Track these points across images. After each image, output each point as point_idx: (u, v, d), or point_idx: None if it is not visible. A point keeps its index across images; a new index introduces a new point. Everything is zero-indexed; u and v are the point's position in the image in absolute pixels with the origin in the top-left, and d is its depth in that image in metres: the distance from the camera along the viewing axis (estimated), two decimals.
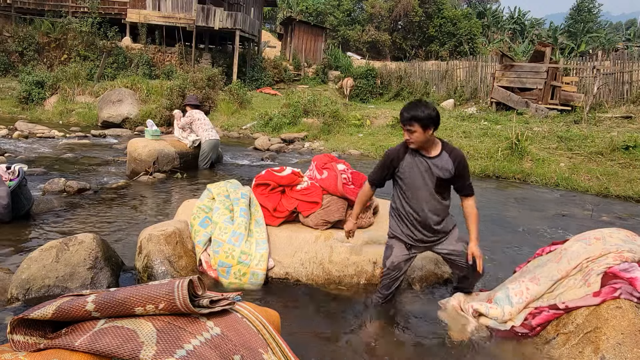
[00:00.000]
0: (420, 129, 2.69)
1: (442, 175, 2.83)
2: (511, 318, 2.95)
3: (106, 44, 19.27)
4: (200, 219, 3.65)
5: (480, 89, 17.04)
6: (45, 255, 3.15)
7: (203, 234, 3.55)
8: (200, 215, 3.67)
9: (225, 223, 3.52)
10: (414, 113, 2.68)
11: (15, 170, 4.83)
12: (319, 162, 4.07)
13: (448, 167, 2.82)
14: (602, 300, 2.64)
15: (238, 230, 3.45)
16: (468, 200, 2.99)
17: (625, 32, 44.38)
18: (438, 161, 2.82)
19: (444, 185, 2.89)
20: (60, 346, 1.45)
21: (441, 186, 2.87)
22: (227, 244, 3.39)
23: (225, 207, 3.66)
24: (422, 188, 2.86)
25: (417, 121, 2.68)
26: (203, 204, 3.80)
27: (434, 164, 2.81)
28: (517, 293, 2.99)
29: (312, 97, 14.30)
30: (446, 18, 32.72)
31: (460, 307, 3.15)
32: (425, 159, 2.83)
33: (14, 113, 14.08)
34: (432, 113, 2.70)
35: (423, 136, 2.72)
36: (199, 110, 7.86)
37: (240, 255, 3.34)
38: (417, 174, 2.86)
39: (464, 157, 2.88)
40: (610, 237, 2.95)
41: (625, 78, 13.87)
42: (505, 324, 2.96)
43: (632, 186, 7.54)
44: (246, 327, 1.76)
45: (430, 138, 2.77)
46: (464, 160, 2.88)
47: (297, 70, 24.82)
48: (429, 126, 2.70)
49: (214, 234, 3.50)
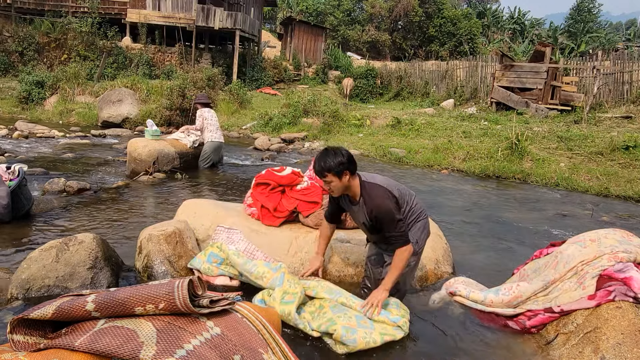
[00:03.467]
0: (336, 178, 2.64)
1: (365, 222, 2.77)
2: (491, 305, 3.04)
3: (106, 44, 19.28)
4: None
5: (480, 89, 17.04)
6: (45, 255, 3.15)
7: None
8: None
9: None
10: (325, 164, 2.61)
11: (15, 170, 4.83)
12: None
13: (365, 215, 2.74)
14: (597, 303, 2.64)
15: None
16: (396, 250, 2.73)
17: (625, 32, 44.37)
18: (358, 208, 2.77)
19: (375, 229, 2.77)
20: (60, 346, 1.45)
21: (372, 229, 2.80)
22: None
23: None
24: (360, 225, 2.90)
25: (330, 171, 2.62)
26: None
27: (358, 209, 2.77)
28: (506, 288, 3.10)
29: (312, 97, 14.30)
30: (446, 18, 32.72)
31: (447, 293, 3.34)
32: (351, 204, 2.82)
33: (14, 113, 14.08)
34: (342, 160, 2.61)
35: (340, 184, 2.66)
36: (209, 109, 7.79)
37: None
38: (351, 214, 2.91)
39: (379, 207, 2.64)
40: (605, 238, 2.96)
41: (625, 78, 13.86)
42: (485, 307, 3.07)
43: (632, 186, 7.54)
44: (246, 327, 1.76)
45: (350, 183, 2.69)
46: (380, 211, 2.64)
47: (297, 70, 24.83)
48: (343, 173, 2.63)
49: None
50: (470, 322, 3.09)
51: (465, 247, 4.78)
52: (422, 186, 7.64)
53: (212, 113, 7.82)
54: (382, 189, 2.71)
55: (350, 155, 2.68)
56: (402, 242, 2.69)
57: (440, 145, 10.06)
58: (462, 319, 3.13)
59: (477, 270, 4.04)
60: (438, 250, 3.85)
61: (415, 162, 9.54)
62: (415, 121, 12.42)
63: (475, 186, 7.89)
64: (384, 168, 9.01)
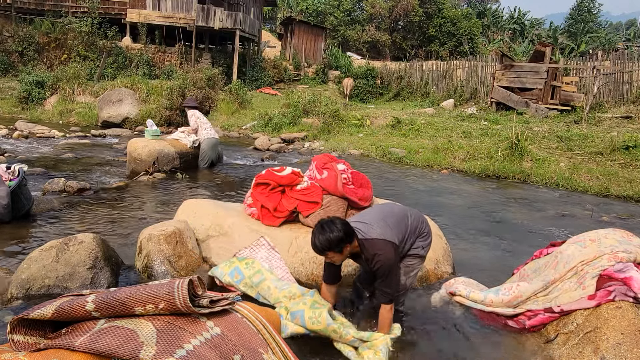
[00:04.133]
0: (338, 254, 2.58)
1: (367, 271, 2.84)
2: (491, 305, 3.03)
3: (106, 44, 19.27)
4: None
5: (480, 89, 17.04)
6: (45, 255, 3.15)
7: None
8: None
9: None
10: (325, 245, 2.52)
11: (15, 170, 4.83)
12: (319, 162, 4.07)
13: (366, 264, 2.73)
14: (597, 303, 2.65)
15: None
16: (381, 306, 2.70)
17: (625, 32, 44.35)
18: (361, 260, 2.78)
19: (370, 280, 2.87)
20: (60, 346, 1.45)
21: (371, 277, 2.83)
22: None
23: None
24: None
25: (331, 250, 2.55)
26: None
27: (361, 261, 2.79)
28: (506, 288, 3.10)
29: (312, 97, 14.29)
30: (446, 18, 32.72)
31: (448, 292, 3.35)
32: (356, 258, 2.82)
33: (14, 113, 14.07)
34: (340, 235, 2.51)
35: (343, 256, 2.63)
36: (196, 110, 7.99)
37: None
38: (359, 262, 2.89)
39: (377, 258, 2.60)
40: (605, 238, 2.96)
41: (625, 78, 13.86)
42: (485, 307, 3.06)
43: (632, 186, 7.54)
44: (246, 327, 1.76)
45: (352, 250, 2.65)
46: (379, 260, 2.60)
47: (297, 70, 24.82)
48: (344, 247, 2.56)
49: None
50: (470, 322, 3.09)
51: (465, 247, 4.78)
52: (422, 186, 7.64)
53: (201, 114, 8.07)
54: (381, 243, 2.64)
55: (345, 225, 2.57)
56: (386, 300, 2.66)
57: (440, 145, 10.06)
58: (462, 319, 3.13)
59: (477, 270, 4.04)
60: (438, 250, 3.85)
61: (415, 162, 9.53)
62: (415, 121, 12.42)
63: (475, 186, 7.89)
64: (383, 168, 9.01)
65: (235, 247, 3.70)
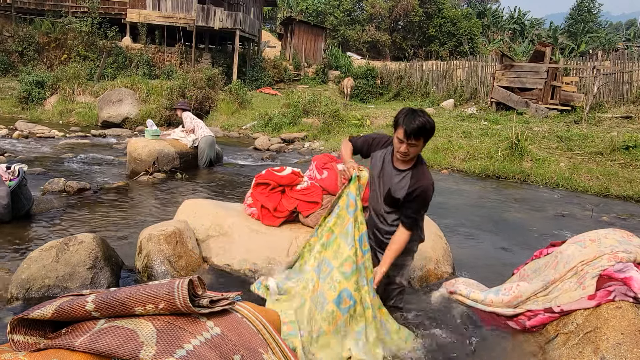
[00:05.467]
0: (422, 143, 2.45)
1: (392, 191, 2.60)
2: (492, 305, 3.05)
3: (106, 43, 19.27)
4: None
5: (480, 89, 17.04)
6: (45, 255, 3.15)
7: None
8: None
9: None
10: (423, 126, 2.36)
11: (15, 170, 4.83)
12: (319, 162, 4.07)
13: (403, 186, 2.56)
14: (597, 303, 2.65)
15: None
16: (400, 228, 2.61)
17: (625, 32, 44.35)
18: (397, 174, 2.59)
19: (392, 202, 2.63)
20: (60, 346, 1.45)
21: (389, 201, 2.64)
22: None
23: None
24: (375, 188, 2.74)
25: (424, 135, 2.41)
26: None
27: (395, 176, 2.60)
28: (506, 288, 3.11)
29: (312, 97, 14.30)
30: (446, 18, 32.72)
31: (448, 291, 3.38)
32: (392, 167, 2.62)
33: (14, 113, 14.08)
34: (434, 124, 2.44)
35: (420, 149, 2.50)
36: (189, 112, 8.14)
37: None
38: (377, 171, 2.69)
39: (424, 189, 2.52)
40: (605, 238, 2.96)
41: (625, 78, 13.87)
42: (485, 306, 3.07)
43: (632, 186, 7.54)
44: (246, 327, 1.76)
45: (414, 156, 2.55)
46: (422, 191, 2.51)
47: (297, 70, 24.82)
48: (429, 139, 2.46)
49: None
50: (470, 322, 3.09)
51: (465, 247, 4.78)
52: None
53: (193, 115, 8.26)
54: (430, 177, 2.58)
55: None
56: (410, 226, 2.60)
57: (440, 145, 10.05)
58: (462, 319, 3.13)
59: (477, 270, 4.04)
60: (438, 250, 3.85)
61: None
62: None
63: (475, 186, 7.89)
64: None
65: (235, 247, 3.70)
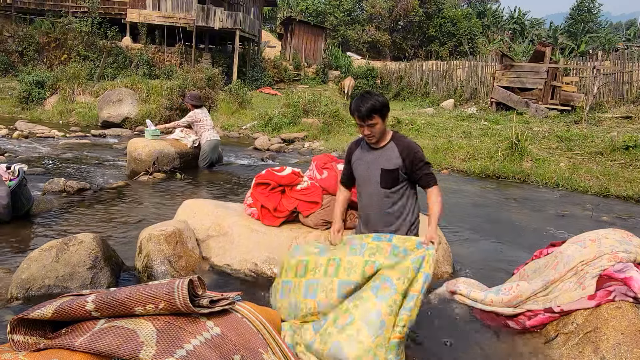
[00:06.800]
0: (380, 120, 2.61)
1: (386, 167, 2.69)
2: (492, 304, 3.06)
3: (106, 43, 19.27)
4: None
5: (480, 89, 17.04)
6: (45, 255, 3.15)
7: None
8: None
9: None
10: (372, 105, 2.56)
11: (15, 170, 4.83)
12: (319, 162, 4.07)
13: (393, 156, 2.69)
14: (597, 303, 2.65)
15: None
16: (429, 189, 2.73)
17: (625, 32, 44.30)
18: (383, 151, 2.72)
19: (391, 179, 2.71)
20: (60, 346, 1.45)
21: (388, 180, 2.71)
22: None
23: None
24: (368, 182, 2.78)
25: (376, 112, 2.58)
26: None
27: (380, 155, 2.72)
28: (506, 288, 3.11)
29: (312, 97, 14.29)
30: (446, 18, 32.73)
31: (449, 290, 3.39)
32: (373, 150, 2.75)
33: (14, 113, 14.06)
34: (385, 100, 2.63)
35: (383, 126, 2.65)
36: (202, 110, 7.64)
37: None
38: (363, 167, 2.78)
39: (412, 145, 2.71)
40: (605, 238, 2.96)
41: (625, 78, 13.86)
42: (485, 306, 3.09)
43: (632, 186, 7.54)
44: (246, 327, 1.76)
45: (381, 131, 2.68)
46: (413, 147, 2.70)
47: (297, 70, 24.82)
48: (386, 114, 2.63)
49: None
50: (471, 322, 3.09)
51: (465, 247, 4.78)
52: None
53: (205, 112, 7.69)
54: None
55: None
56: (434, 179, 2.72)
57: (440, 145, 10.05)
58: (462, 318, 3.13)
59: (477, 270, 4.04)
60: (438, 250, 3.85)
61: None
62: (415, 121, 12.42)
63: (475, 186, 7.89)
64: None
65: (235, 247, 3.70)
